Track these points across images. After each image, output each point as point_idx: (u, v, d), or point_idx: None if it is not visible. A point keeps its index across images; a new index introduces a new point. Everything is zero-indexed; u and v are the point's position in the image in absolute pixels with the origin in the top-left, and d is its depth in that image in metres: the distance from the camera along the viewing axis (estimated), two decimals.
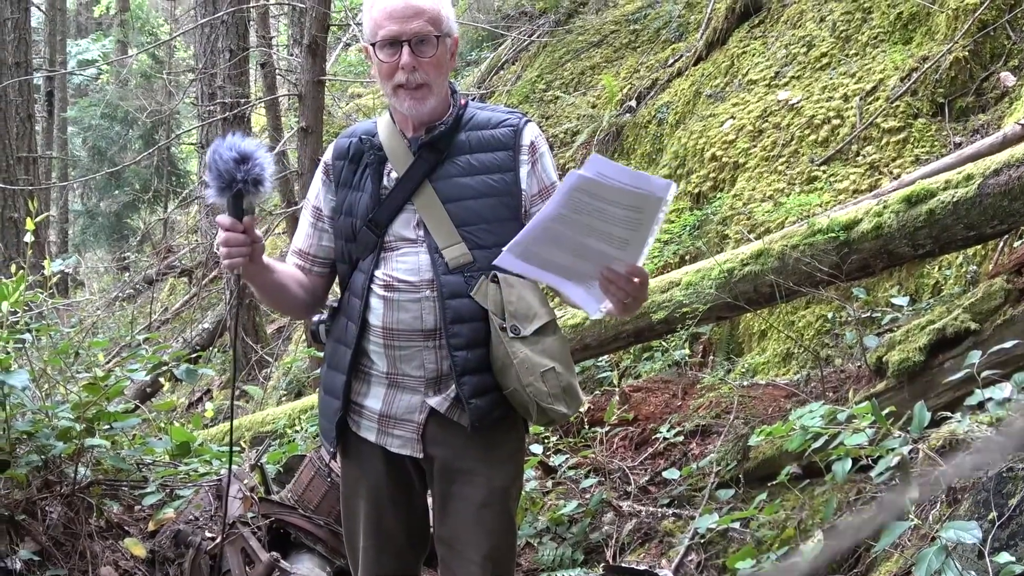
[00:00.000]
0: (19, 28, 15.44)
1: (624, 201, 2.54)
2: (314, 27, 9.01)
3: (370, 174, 3.07)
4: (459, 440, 3.02)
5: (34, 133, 16.70)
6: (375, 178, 3.06)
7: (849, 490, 4.11)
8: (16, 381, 4.18)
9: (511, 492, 3.11)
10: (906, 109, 6.64)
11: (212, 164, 2.76)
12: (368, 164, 3.08)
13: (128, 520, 4.61)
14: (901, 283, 5.81)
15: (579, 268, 2.71)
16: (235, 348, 10.34)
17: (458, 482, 3.04)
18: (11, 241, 13.01)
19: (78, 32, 30.22)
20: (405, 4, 2.91)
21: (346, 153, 3.14)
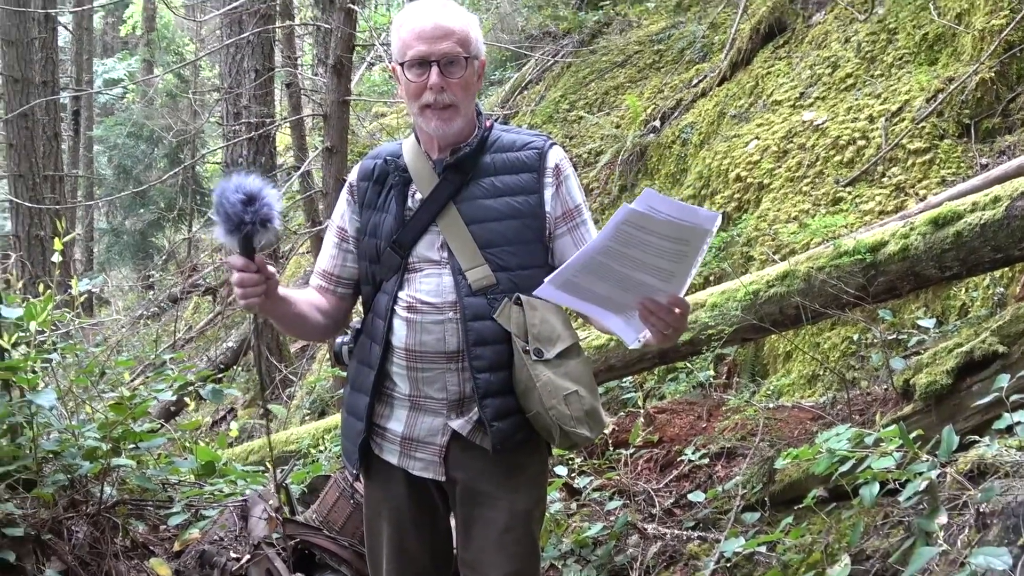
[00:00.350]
0: (46, 47, 15.57)
1: (671, 234, 2.53)
2: (339, 47, 9.05)
3: (395, 195, 3.07)
4: (481, 463, 3.01)
5: (60, 152, 16.83)
6: (400, 199, 3.06)
7: (876, 514, 4.08)
8: (43, 400, 4.20)
9: (534, 515, 3.10)
10: (932, 130, 6.62)
11: (219, 206, 2.73)
12: (393, 185, 3.08)
13: (153, 540, 4.61)
14: (927, 305, 5.78)
15: (620, 299, 2.70)
16: (260, 368, 10.38)
17: (481, 505, 3.03)
18: (37, 259, 13.09)
19: (104, 52, 30.47)
20: (435, 25, 2.92)
21: (371, 174, 3.14)
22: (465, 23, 2.97)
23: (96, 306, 18.88)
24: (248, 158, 12.58)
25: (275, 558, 4.30)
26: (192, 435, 6.08)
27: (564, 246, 3.02)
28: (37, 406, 4.24)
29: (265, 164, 12.55)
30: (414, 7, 3.01)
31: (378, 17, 20.66)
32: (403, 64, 2.96)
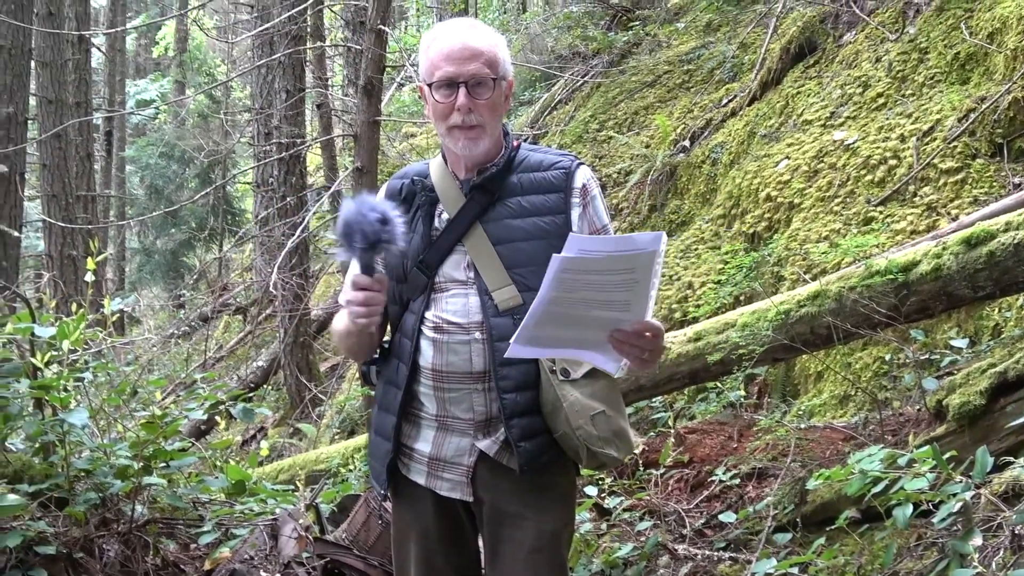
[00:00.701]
0: (80, 69, 15.72)
1: (614, 267, 2.53)
2: (370, 68, 9.09)
3: (422, 215, 3.06)
4: (509, 484, 2.99)
5: (93, 172, 16.97)
6: (426, 219, 3.05)
7: (910, 536, 4.05)
8: (76, 419, 4.22)
9: (562, 536, 3.07)
10: (964, 149, 6.59)
11: (355, 224, 2.73)
12: (420, 205, 3.08)
13: (184, 559, 4.62)
14: (960, 325, 5.75)
15: (589, 336, 2.69)
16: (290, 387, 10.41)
17: (508, 526, 3.00)
18: (70, 279, 13.18)
19: (137, 73, 30.76)
20: (463, 46, 2.92)
21: (398, 194, 3.13)
22: (493, 44, 2.97)
23: (128, 325, 19.01)
24: (279, 178, 12.63)
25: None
26: (223, 454, 6.09)
27: None
28: (69, 425, 4.26)
29: (295, 184, 12.61)
30: (442, 28, 3.02)
31: (408, 38, 20.76)
32: (431, 85, 2.96)
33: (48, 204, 13.64)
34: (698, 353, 5.53)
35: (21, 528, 4.05)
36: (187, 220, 21.20)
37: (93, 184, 16.52)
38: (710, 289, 7.45)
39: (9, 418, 4.42)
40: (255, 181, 13.98)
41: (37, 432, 4.41)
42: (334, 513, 5.14)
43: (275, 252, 11.91)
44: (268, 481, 6.39)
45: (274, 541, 4.55)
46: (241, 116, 20.68)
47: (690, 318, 7.13)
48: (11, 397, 4.40)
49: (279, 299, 12.10)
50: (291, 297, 11.90)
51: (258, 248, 14.12)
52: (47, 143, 13.47)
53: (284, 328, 12.23)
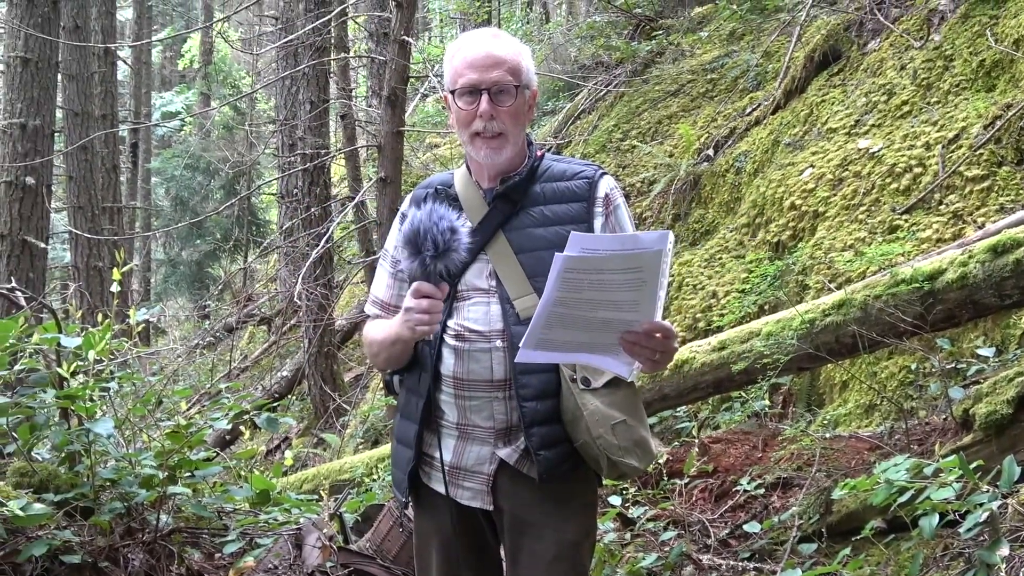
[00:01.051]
0: (106, 81, 15.84)
1: (619, 265, 2.52)
2: (393, 79, 9.12)
3: None
4: (529, 492, 2.98)
5: (119, 184, 17.10)
6: None
7: (936, 546, 4.02)
8: (101, 429, 4.23)
9: (583, 546, 3.06)
10: (990, 157, 6.55)
11: (427, 232, 2.74)
12: None
13: (208, 568, 4.63)
14: (986, 334, 5.71)
15: (599, 340, 2.69)
16: (314, 397, 10.43)
17: (528, 535, 3.00)
18: (96, 289, 13.27)
19: (162, 85, 30.97)
20: (486, 54, 2.94)
21: (423, 203, 3.14)
22: (516, 52, 2.99)
23: (153, 336, 19.10)
24: (303, 189, 12.68)
25: None
26: (247, 464, 6.10)
27: None
28: (95, 434, 4.27)
29: (320, 195, 12.65)
30: (466, 37, 3.04)
31: (432, 49, 20.82)
32: (454, 92, 2.98)
33: (74, 216, 13.76)
34: (722, 362, 5.51)
35: (47, 537, 4.07)
36: (212, 231, 21.30)
37: (119, 196, 16.64)
38: (734, 298, 7.43)
39: (35, 428, 4.44)
40: (279, 192, 14.03)
41: (63, 442, 4.43)
42: (358, 523, 5.14)
43: (299, 263, 11.96)
44: (292, 491, 6.40)
45: (298, 550, 4.55)
46: (266, 127, 20.77)
47: (714, 327, 7.10)
48: (37, 407, 4.42)
49: (303, 309, 12.14)
50: (315, 307, 11.93)
51: (282, 259, 14.17)
52: (73, 155, 13.58)
53: (308, 338, 12.26)
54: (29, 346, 4.46)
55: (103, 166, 15.22)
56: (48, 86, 11.57)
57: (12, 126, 11.25)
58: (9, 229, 10.95)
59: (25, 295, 5.85)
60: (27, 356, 4.60)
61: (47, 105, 11.58)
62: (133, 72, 24.40)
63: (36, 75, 11.34)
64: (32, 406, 4.40)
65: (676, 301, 8.04)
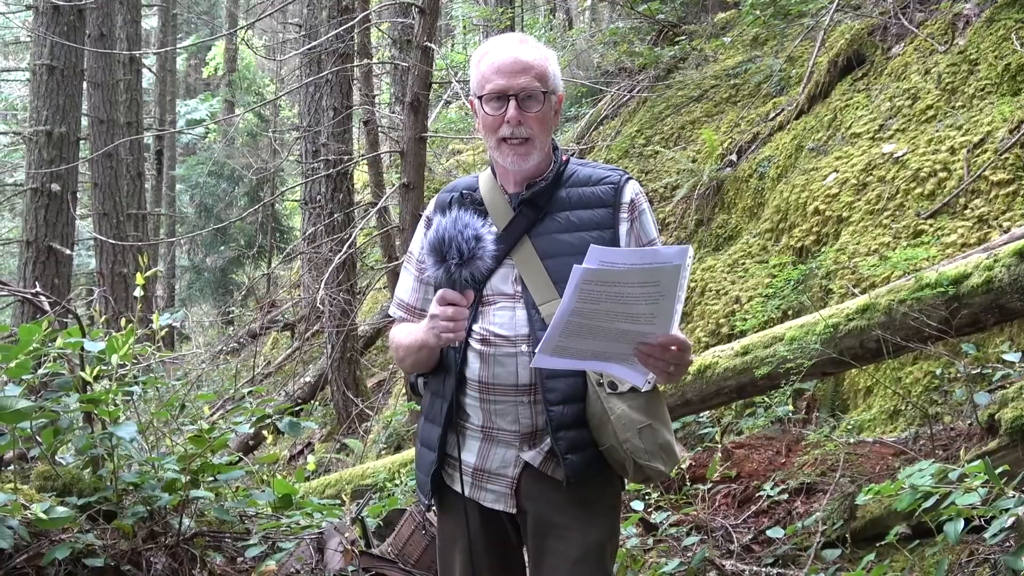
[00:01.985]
0: (131, 89, 15.96)
1: (637, 279, 2.53)
2: (416, 85, 9.13)
3: None
4: (554, 495, 2.99)
5: (144, 191, 17.21)
6: None
7: (961, 551, 3.99)
8: (124, 433, 4.26)
9: (607, 548, 3.06)
10: (1015, 161, 6.50)
11: (453, 240, 2.75)
12: None
13: (231, 572, 4.64)
14: (1012, 339, 5.66)
15: (615, 350, 2.70)
16: (337, 403, 10.43)
17: (552, 537, 3.00)
18: (120, 295, 13.35)
19: (187, 93, 31.13)
20: (514, 59, 2.95)
21: (448, 208, 3.13)
22: (543, 58, 3.00)
23: (177, 341, 19.19)
24: (326, 195, 12.72)
25: None
26: (270, 468, 6.12)
27: None
28: (118, 438, 4.30)
29: (343, 201, 12.68)
30: (493, 42, 3.05)
31: (455, 55, 20.86)
32: (481, 98, 2.99)
33: (99, 222, 13.84)
34: (745, 367, 5.49)
35: (70, 540, 4.10)
36: (236, 238, 21.40)
37: (144, 202, 16.75)
38: (758, 303, 7.40)
39: (59, 432, 4.46)
40: (303, 198, 14.08)
41: (86, 446, 4.45)
42: (380, 527, 5.15)
43: (322, 268, 11.99)
44: (315, 496, 6.42)
45: (320, 555, 4.56)
46: (289, 134, 20.87)
47: (737, 332, 7.08)
48: (61, 411, 4.44)
49: (326, 315, 12.16)
50: (338, 313, 11.96)
51: (306, 265, 14.21)
52: (98, 162, 13.67)
53: (331, 344, 12.28)
54: (53, 350, 4.49)
55: (128, 173, 15.32)
56: (74, 93, 11.66)
57: (38, 133, 11.34)
58: (35, 235, 11.04)
59: (49, 300, 5.88)
60: (51, 360, 4.63)
61: (73, 112, 11.68)
62: (158, 80, 24.54)
63: (62, 83, 11.43)
64: (56, 410, 4.42)
65: (699, 306, 8.02)
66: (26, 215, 11.37)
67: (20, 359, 4.19)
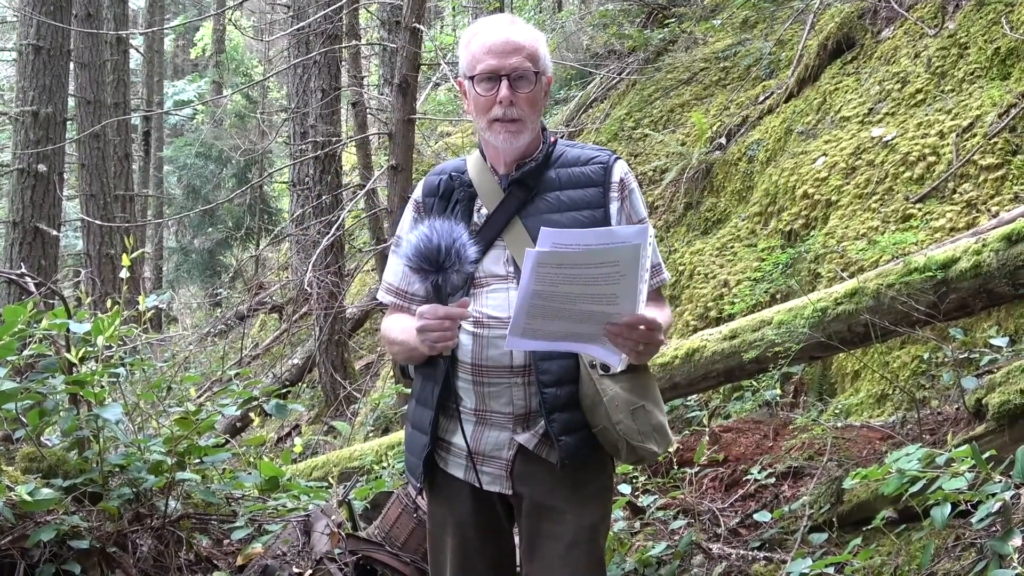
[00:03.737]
0: (118, 70, 15.88)
1: (595, 260, 2.54)
2: (405, 67, 9.10)
3: (460, 211, 3.07)
4: (547, 477, 2.99)
5: (131, 172, 17.14)
6: (465, 215, 3.06)
7: (948, 536, 3.99)
8: (110, 415, 4.24)
9: (600, 530, 3.08)
10: (1004, 146, 6.50)
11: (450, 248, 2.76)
12: (458, 201, 3.09)
13: (217, 554, 4.63)
14: (1000, 323, 5.67)
15: (584, 330, 2.71)
16: (325, 385, 10.42)
17: (546, 520, 3.00)
18: (108, 277, 13.32)
19: (175, 73, 31.03)
20: (505, 40, 2.95)
21: (436, 190, 3.15)
22: (534, 39, 3.01)
23: (165, 323, 19.14)
24: (314, 177, 12.69)
25: (337, 573, 4.30)
26: (257, 450, 6.11)
27: None
28: (104, 420, 4.28)
29: (331, 183, 12.65)
30: (483, 23, 3.06)
31: (444, 37, 20.79)
32: (472, 78, 2.99)
33: (86, 203, 13.80)
34: (733, 351, 5.48)
35: (55, 522, 4.08)
36: (224, 219, 21.35)
37: (131, 184, 16.68)
38: (746, 287, 7.40)
39: (45, 413, 4.45)
40: (291, 180, 14.07)
41: (72, 427, 4.44)
42: (367, 510, 5.14)
43: (311, 251, 11.98)
44: (302, 478, 6.41)
45: (307, 537, 4.55)
46: (277, 116, 20.80)
47: (726, 316, 7.08)
48: (47, 392, 4.43)
49: (314, 297, 12.15)
50: (326, 295, 11.94)
51: (294, 247, 14.20)
52: (85, 143, 13.62)
53: (319, 326, 12.27)
54: (39, 332, 4.47)
55: (115, 154, 15.25)
56: (60, 74, 11.60)
57: (24, 114, 11.28)
58: (21, 216, 10.99)
59: (35, 281, 5.85)
60: (37, 342, 4.61)
61: (59, 93, 11.62)
62: (145, 60, 24.43)
63: (48, 63, 11.36)
64: (41, 391, 4.41)
65: (688, 290, 8.01)
66: (12, 196, 11.32)
67: (5, 340, 4.17)
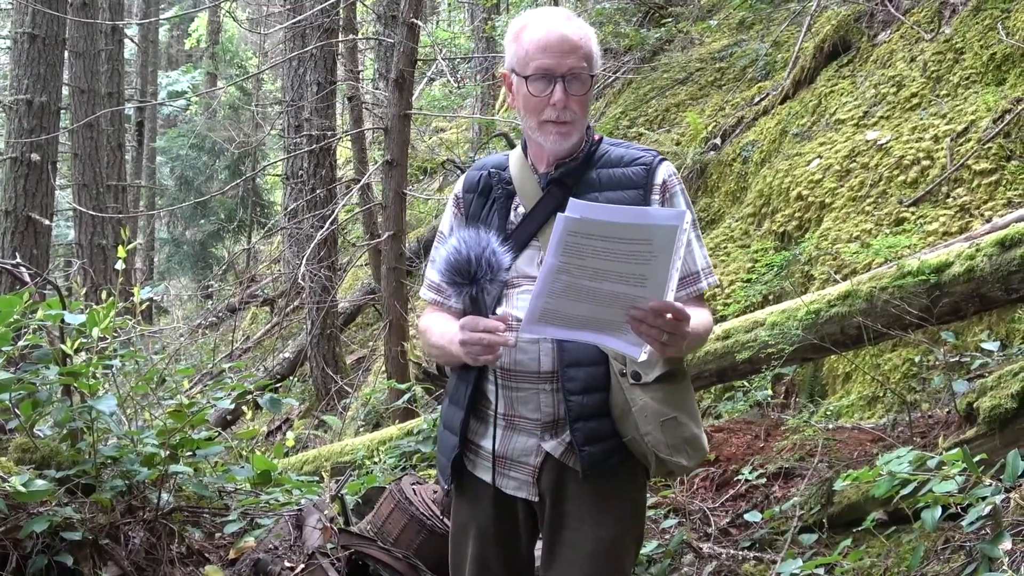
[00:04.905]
0: (112, 60, 15.83)
1: (627, 235, 2.44)
2: (402, 61, 9.10)
3: (498, 208, 3.00)
4: (573, 486, 2.92)
5: (124, 162, 17.10)
6: (502, 213, 2.99)
7: (937, 538, 4.01)
8: (104, 407, 4.24)
9: (623, 543, 2.98)
10: (998, 151, 6.52)
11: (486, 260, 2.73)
12: (496, 198, 3.02)
13: (209, 547, 4.64)
14: (991, 328, 5.69)
15: (605, 316, 2.57)
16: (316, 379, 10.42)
17: (568, 529, 2.94)
18: (99, 267, 13.28)
19: (169, 64, 30.94)
20: (561, 38, 2.86)
21: (476, 186, 3.08)
22: (587, 37, 2.92)
23: (156, 315, 19.12)
24: (308, 170, 12.68)
25: (329, 568, 4.30)
26: (249, 444, 6.11)
27: None
28: (97, 412, 4.28)
29: (325, 177, 12.65)
30: (536, 17, 2.94)
31: (440, 32, 20.77)
32: (526, 77, 2.88)
33: (79, 193, 13.76)
34: (726, 351, 5.50)
35: (48, 513, 4.08)
36: (216, 211, 21.31)
37: (124, 174, 16.65)
38: (739, 287, 7.42)
39: (38, 404, 4.45)
40: (285, 173, 14.03)
41: (65, 419, 4.44)
42: (358, 505, 5.14)
43: (304, 244, 11.96)
44: (293, 472, 6.41)
45: (299, 531, 4.55)
46: (272, 108, 20.76)
47: (719, 316, 7.09)
48: (40, 383, 4.43)
49: (307, 291, 12.15)
50: (319, 289, 11.94)
51: (287, 240, 14.17)
52: (79, 132, 13.58)
53: (311, 320, 12.26)
54: (33, 322, 4.47)
55: (108, 144, 15.22)
56: (55, 63, 11.56)
57: (18, 102, 11.25)
58: (14, 205, 10.96)
59: (30, 271, 5.84)
60: (31, 332, 4.61)
61: (53, 82, 11.58)
62: (140, 50, 24.35)
63: (43, 51, 11.33)
64: (35, 382, 4.41)
65: None
66: (5, 185, 11.28)
67: (0, 330, 4.17)
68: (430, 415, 6.69)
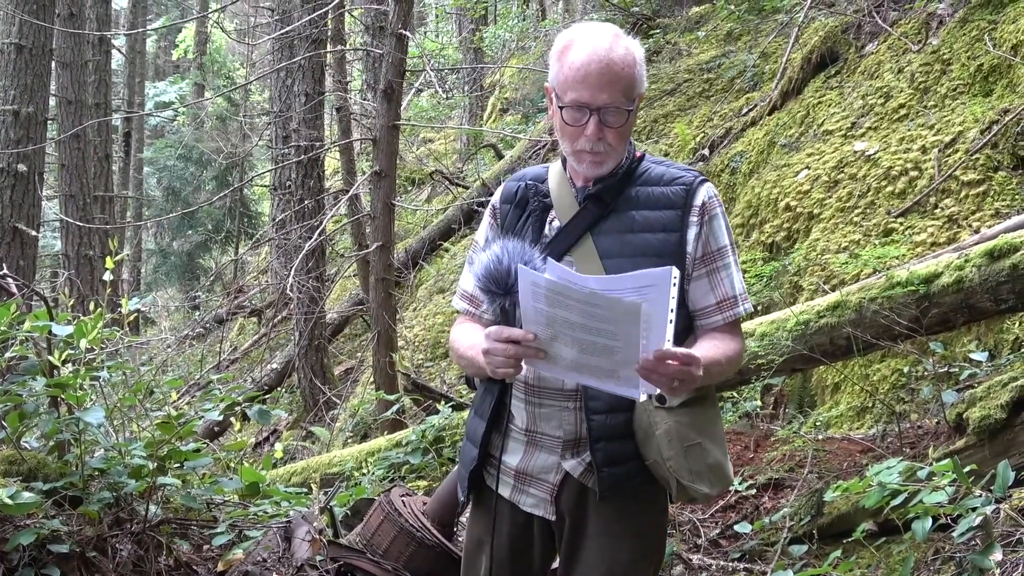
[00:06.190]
0: (100, 70, 15.80)
1: (596, 304, 2.42)
2: (390, 72, 9.09)
3: (533, 221, 2.95)
4: (592, 506, 2.88)
5: (111, 173, 17.07)
6: (537, 226, 2.94)
7: (927, 549, 4.01)
8: (92, 418, 4.21)
9: (638, 567, 2.93)
10: (986, 162, 6.55)
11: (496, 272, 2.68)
12: (532, 211, 2.96)
13: (197, 560, 4.61)
14: (980, 338, 5.71)
15: (599, 364, 2.54)
16: (304, 390, 10.37)
17: (584, 549, 2.90)
18: (86, 278, 13.25)
19: (156, 75, 30.93)
20: (601, 69, 2.75)
21: (513, 197, 3.03)
22: (632, 63, 2.80)
23: (143, 326, 19.07)
24: (296, 181, 12.67)
25: None
26: (237, 455, 6.08)
27: (699, 289, 2.87)
28: (85, 423, 4.25)
29: (313, 187, 12.63)
30: (582, 36, 2.82)
31: (428, 43, 20.79)
32: (561, 105, 2.80)
33: (66, 204, 13.73)
34: None
35: (35, 526, 4.05)
36: (204, 222, 21.29)
37: (111, 185, 16.61)
38: None
39: (25, 416, 4.42)
40: (272, 184, 14.02)
41: (52, 430, 4.41)
42: (347, 517, 5.12)
43: (292, 255, 11.94)
44: (281, 484, 6.38)
45: (287, 543, 4.53)
46: (259, 119, 20.75)
47: None
48: (27, 395, 4.40)
49: (295, 302, 12.12)
50: (307, 300, 11.91)
51: (274, 251, 14.16)
52: (66, 143, 13.56)
53: (299, 331, 12.23)
54: (20, 333, 4.44)
55: (95, 155, 15.19)
56: (42, 73, 11.53)
57: (5, 113, 11.22)
58: (0, 216, 10.92)
59: (16, 282, 5.82)
60: (18, 344, 4.58)
61: (41, 92, 11.55)
62: (127, 61, 24.34)
63: (30, 62, 11.30)
64: (22, 394, 4.39)
65: None
66: None
67: None
68: (418, 426, 6.67)
